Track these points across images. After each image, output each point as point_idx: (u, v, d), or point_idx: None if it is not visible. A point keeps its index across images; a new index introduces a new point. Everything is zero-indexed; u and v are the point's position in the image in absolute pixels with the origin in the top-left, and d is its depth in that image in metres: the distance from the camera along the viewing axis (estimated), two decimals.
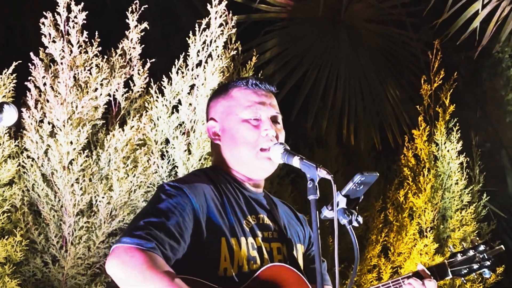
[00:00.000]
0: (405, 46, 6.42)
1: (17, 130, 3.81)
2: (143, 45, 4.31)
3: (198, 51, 4.23)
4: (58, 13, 4.01)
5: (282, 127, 2.55)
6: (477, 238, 2.84)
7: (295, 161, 2.36)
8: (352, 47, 5.82)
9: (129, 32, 4.30)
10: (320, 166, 2.33)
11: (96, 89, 3.96)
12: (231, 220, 2.37)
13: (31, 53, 3.91)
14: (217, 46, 4.14)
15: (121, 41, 4.31)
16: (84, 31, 4.07)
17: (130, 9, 4.25)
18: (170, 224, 2.21)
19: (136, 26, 4.29)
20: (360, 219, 2.44)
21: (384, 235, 5.13)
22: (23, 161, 3.68)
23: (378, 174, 2.44)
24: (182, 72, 4.19)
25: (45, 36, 3.94)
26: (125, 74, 4.22)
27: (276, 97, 2.63)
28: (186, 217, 2.27)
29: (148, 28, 4.34)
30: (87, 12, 4.07)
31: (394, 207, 5.18)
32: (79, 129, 3.72)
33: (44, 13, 3.95)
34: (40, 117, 3.75)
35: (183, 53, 4.20)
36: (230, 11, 4.60)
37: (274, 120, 2.51)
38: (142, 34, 4.30)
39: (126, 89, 4.20)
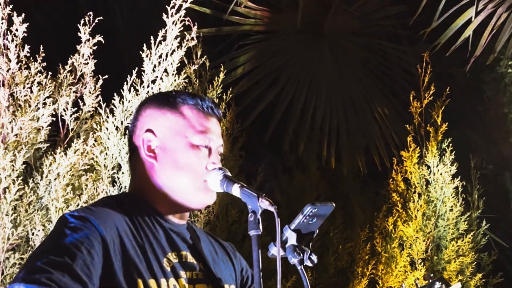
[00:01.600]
0: (398, 61, 6.10)
1: None
2: (95, 60, 3.98)
3: (155, 66, 3.89)
4: None
5: None
6: (431, 275, 2.47)
7: (235, 189, 2.08)
8: (335, 62, 5.52)
9: (81, 46, 3.97)
10: (263, 195, 2.06)
11: (38, 109, 3.62)
12: (149, 258, 2.06)
13: None
14: (173, 61, 3.79)
15: (71, 56, 3.97)
16: (26, 45, 3.74)
17: (82, 22, 3.92)
18: (76, 265, 1.89)
19: (88, 40, 3.96)
20: (314, 257, 2.12)
21: (371, 267, 4.78)
22: None
23: (334, 205, 2.12)
24: (136, 90, 3.85)
25: None
26: (75, 92, 3.90)
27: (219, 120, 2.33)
28: (95, 255, 1.94)
29: (103, 42, 4.03)
30: (27, 24, 3.77)
31: (382, 236, 4.84)
32: (14, 153, 3.37)
33: None
34: None
35: (136, 68, 3.87)
36: (195, 23, 4.31)
37: (219, 152, 2.25)
38: (95, 48, 3.96)
39: (76, 108, 3.87)
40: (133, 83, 3.89)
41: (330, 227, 4.77)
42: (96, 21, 4.00)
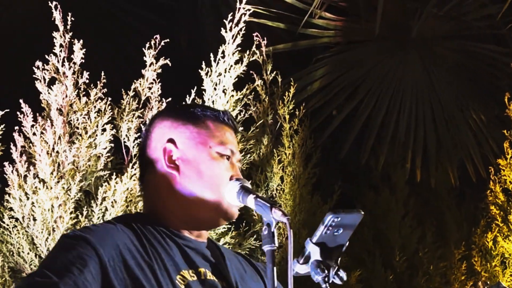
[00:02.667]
0: (496, 63, 5.71)
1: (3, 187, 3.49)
2: (160, 83, 3.92)
3: (216, 84, 3.78)
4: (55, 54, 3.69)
5: None
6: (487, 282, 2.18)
7: (250, 201, 1.95)
8: (423, 69, 5.21)
9: (146, 70, 3.93)
10: (276, 205, 1.88)
11: (96, 136, 3.59)
12: (158, 275, 1.92)
13: (21, 100, 3.59)
14: (231, 77, 3.67)
15: (135, 81, 3.94)
16: (85, 72, 3.74)
17: (147, 45, 3.88)
18: (64, 284, 1.79)
19: (152, 63, 3.92)
20: (343, 274, 1.90)
21: None
22: (6, 224, 3.34)
23: (361, 213, 1.90)
24: None
25: (39, 80, 3.62)
26: (139, 117, 3.86)
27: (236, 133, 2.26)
28: (89, 275, 1.83)
29: (169, 64, 3.97)
30: (86, 50, 3.76)
31: (481, 254, 4.47)
32: (68, 182, 3.34)
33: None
34: (25, 171, 3.40)
35: (195, 87, 3.77)
36: (264, 38, 4.18)
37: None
38: (159, 71, 3.92)
39: (139, 134, 3.82)
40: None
41: (420, 246, 4.47)
42: (163, 43, 3.98)
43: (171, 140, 2.09)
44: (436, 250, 4.51)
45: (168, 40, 3.93)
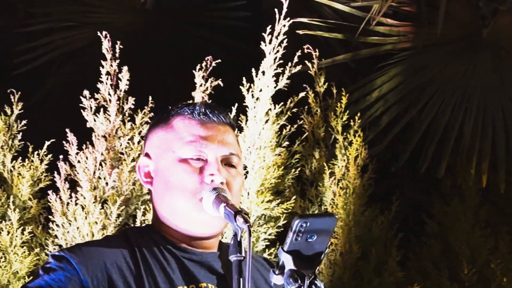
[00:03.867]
0: None
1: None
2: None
3: (257, 98, 3.74)
4: (101, 81, 3.78)
5: (240, 173, 2.04)
6: None
7: (221, 210, 1.87)
8: (494, 70, 4.96)
9: (195, 91, 3.96)
10: (241, 212, 1.79)
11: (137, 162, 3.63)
12: None
13: (67, 129, 3.69)
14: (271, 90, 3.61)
15: (183, 103, 3.95)
16: (130, 97, 3.80)
17: (198, 66, 3.91)
18: None
19: (201, 84, 3.94)
20: (320, 284, 1.80)
21: None
22: (49, 251, 3.42)
23: (334, 216, 1.81)
24: (241, 128, 3.72)
25: (85, 109, 3.71)
26: None
27: (233, 129, 2.10)
28: None
29: (221, 85, 3.98)
30: (131, 75, 3.83)
31: None
32: (109, 207, 3.39)
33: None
34: (68, 198, 3.48)
35: (235, 104, 3.74)
36: (316, 50, 4.12)
37: (226, 162, 2.00)
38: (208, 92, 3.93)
39: None
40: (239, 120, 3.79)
41: (492, 257, 4.22)
42: (214, 64, 3.99)
43: (146, 154, 2.05)
44: (510, 261, 4.24)
45: (219, 60, 3.95)
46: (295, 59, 3.78)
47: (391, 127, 4.57)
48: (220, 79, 3.89)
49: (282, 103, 3.68)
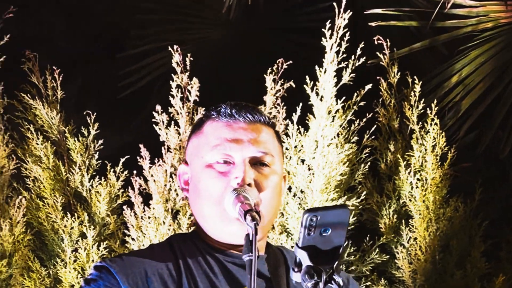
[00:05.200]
0: None
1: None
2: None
3: (322, 97, 3.72)
4: (172, 95, 3.88)
5: (275, 171, 1.99)
6: None
7: (237, 210, 1.86)
8: None
9: (266, 95, 4.00)
10: (252, 211, 1.77)
11: None
12: None
13: (141, 145, 3.80)
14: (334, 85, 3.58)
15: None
16: (200, 108, 3.88)
17: (268, 70, 3.95)
18: None
19: (272, 88, 3.97)
20: (339, 279, 1.77)
21: None
22: None
23: (346, 207, 1.77)
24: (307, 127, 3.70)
25: (157, 124, 3.82)
26: None
27: (268, 126, 2.04)
28: None
29: (293, 86, 4.00)
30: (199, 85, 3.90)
31: None
32: (181, 218, 3.47)
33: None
34: (142, 211, 3.58)
35: (300, 104, 3.72)
36: (387, 40, 4.05)
37: (255, 162, 1.97)
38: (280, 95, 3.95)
39: None
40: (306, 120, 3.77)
41: None
42: (285, 66, 4.01)
43: (184, 161, 2.07)
44: None
45: (291, 62, 3.96)
46: (358, 52, 3.73)
47: (471, 113, 4.40)
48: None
49: (344, 98, 3.63)
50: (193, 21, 5.92)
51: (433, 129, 3.86)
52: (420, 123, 3.90)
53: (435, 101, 3.94)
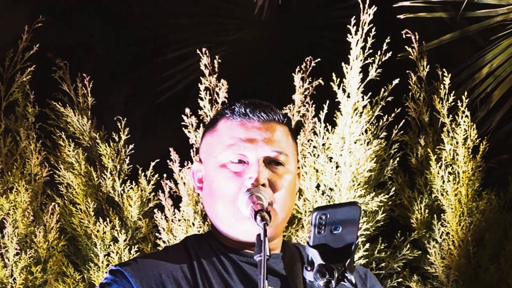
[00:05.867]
0: None
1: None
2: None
3: (348, 94, 3.70)
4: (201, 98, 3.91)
5: (289, 170, 2.01)
6: None
7: (249, 210, 1.88)
8: None
9: (295, 94, 4.01)
10: (262, 211, 1.79)
11: None
12: None
13: (171, 148, 3.84)
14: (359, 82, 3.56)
15: (284, 107, 4.01)
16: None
17: (297, 69, 3.96)
18: None
19: (301, 86, 3.98)
20: (351, 277, 1.77)
21: None
22: None
23: (357, 204, 1.78)
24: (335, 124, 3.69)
25: (187, 127, 3.86)
26: None
27: (284, 125, 2.05)
28: None
29: (322, 83, 4.00)
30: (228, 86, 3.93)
31: None
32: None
33: None
34: (172, 214, 3.62)
35: (327, 101, 3.71)
36: (415, 33, 4.03)
37: (270, 161, 1.98)
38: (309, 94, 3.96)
39: None
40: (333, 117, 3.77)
41: None
42: (313, 64, 4.02)
43: (199, 159, 2.08)
44: None
45: (319, 59, 3.96)
46: (384, 47, 3.71)
47: (502, 104, 4.34)
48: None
49: (370, 93, 3.61)
50: (228, 22, 5.95)
51: (464, 122, 3.82)
52: (451, 116, 3.87)
53: (466, 93, 3.91)
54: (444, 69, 3.95)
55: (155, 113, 5.89)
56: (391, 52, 3.70)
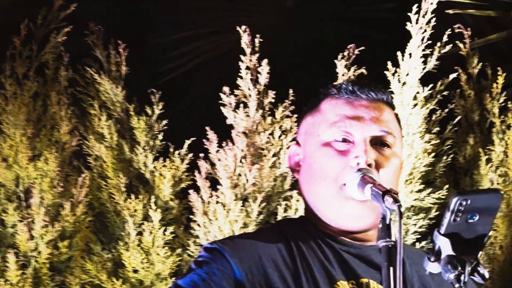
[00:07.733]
0: None
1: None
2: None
3: (404, 83, 3.57)
4: (241, 77, 3.75)
5: (397, 153, 1.88)
6: None
7: (367, 192, 1.71)
8: None
9: (337, 81, 3.87)
10: (390, 192, 1.63)
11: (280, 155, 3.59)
12: None
13: (207, 127, 3.67)
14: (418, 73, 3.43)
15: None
16: (270, 91, 3.75)
17: (339, 56, 3.81)
18: None
19: (343, 74, 3.85)
20: (484, 271, 1.62)
21: None
22: (191, 251, 3.41)
23: (500, 192, 1.62)
24: None
25: (225, 105, 3.69)
26: None
27: (390, 106, 1.92)
28: None
29: (365, 73, 3.86)
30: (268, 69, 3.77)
31: None
32: (250, 205, 3.35)
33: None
34: (209, 197, 3.46)
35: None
36: (468, 29, 3.91)
37: (377, 141, 1.85)
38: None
39: None
40: None
41: None
42: (357, 52, 3.88)
43: (296, 142, 1.95)
44: None
45: (364, 48, 3.83)
46: (445, 39, 3.59)
47: None
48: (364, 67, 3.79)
49: (431, 85, 3.48)
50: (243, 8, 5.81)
51: None
52: (502, 116, 3.76)
53: None
54: (498, 68, 3.85)
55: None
56: (450, 46, 3.58)
